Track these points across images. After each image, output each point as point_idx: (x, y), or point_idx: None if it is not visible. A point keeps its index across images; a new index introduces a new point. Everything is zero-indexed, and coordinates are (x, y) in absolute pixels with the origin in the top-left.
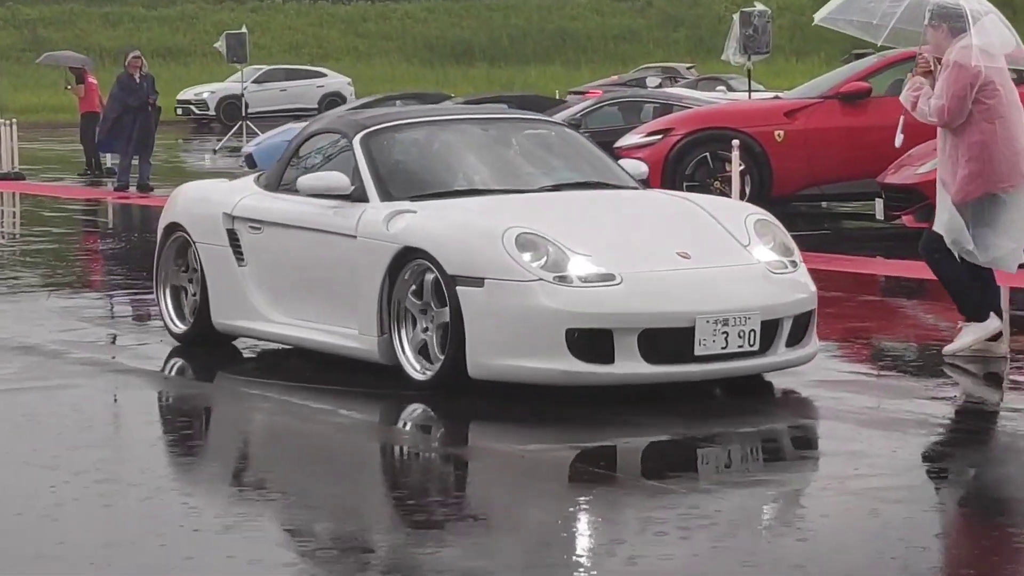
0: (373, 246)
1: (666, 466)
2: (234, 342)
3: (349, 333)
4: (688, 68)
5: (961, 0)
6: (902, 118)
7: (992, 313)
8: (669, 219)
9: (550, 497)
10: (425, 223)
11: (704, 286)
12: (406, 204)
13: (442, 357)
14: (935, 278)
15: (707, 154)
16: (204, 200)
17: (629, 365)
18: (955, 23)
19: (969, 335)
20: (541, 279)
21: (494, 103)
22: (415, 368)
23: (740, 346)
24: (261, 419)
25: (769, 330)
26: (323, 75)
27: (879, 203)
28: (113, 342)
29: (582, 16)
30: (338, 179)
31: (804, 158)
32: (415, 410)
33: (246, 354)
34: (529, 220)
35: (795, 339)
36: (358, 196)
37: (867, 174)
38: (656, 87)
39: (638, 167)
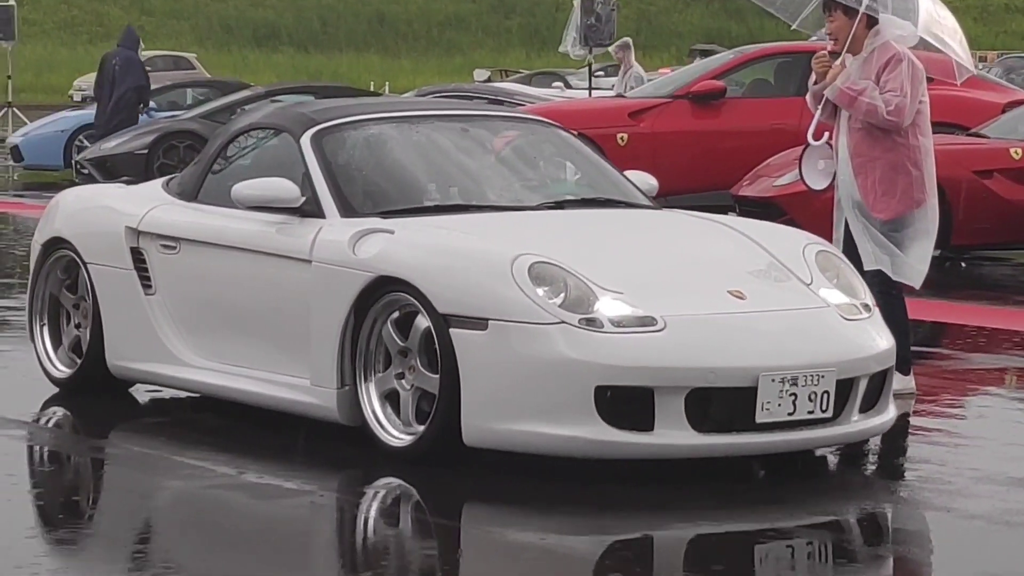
0: (334, 274)
1: (716, 566)
2: (131, 389)
3: (298, 384)
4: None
5: None
6: (817, 119)
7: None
8: (710, 249)
9: None
10: (407, 247)
11: (767, 335)
12: (376, 222)
13: (427, 419)
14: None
15: None
16: (99, 210)
17: (673, 434)
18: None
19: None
20: (563, 322)
21: (297, 93)
22: (389, 431)
23: (810, 411)
24: (169, 492)
25: (842, 392)
26: None
27: None
28: None
29: None
30: (285, 187)
31: (650, 165)
32: (387, 485)
33: (144, 403)
34: (541, 246)
35: (868, 403)
36: (310, 210)
37: (720, 185)
38: (485, 81)
39: (647, 180)
